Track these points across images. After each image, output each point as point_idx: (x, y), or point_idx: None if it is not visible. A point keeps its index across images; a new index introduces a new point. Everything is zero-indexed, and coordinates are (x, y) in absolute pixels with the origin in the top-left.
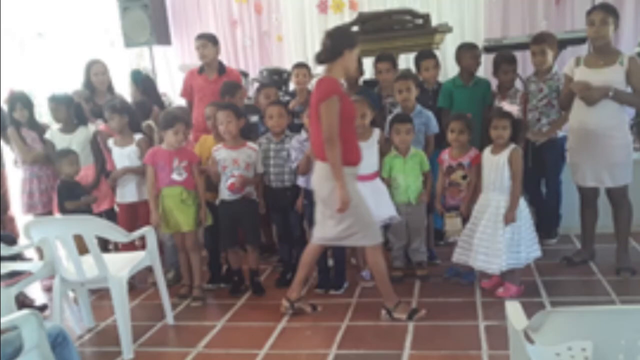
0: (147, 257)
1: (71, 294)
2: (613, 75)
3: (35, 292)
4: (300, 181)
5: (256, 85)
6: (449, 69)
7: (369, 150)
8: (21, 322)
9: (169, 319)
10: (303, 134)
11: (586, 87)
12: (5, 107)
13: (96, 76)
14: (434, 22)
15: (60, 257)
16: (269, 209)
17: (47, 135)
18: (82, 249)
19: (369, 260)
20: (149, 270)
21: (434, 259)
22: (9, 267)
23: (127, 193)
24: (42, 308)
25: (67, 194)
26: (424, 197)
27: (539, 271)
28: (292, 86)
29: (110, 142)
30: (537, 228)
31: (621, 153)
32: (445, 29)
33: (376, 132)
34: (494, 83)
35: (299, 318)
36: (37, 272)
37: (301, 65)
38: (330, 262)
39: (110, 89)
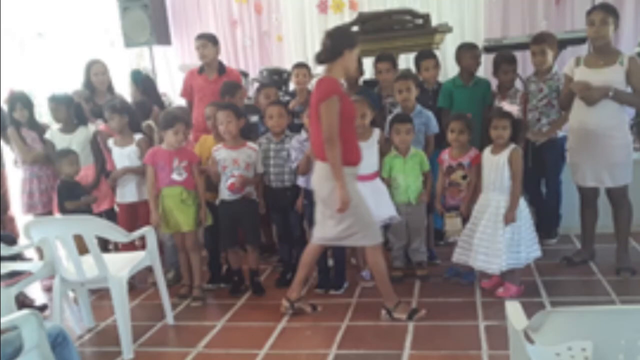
0: (147, 257)
1: (71, 294)
2: (613, 75)
3: (35, 292)
4: (300, 181)
5: (256, 85)
6: (449, 69)
7: (369, 150)
8: (21, 322)
9: (169, 319)
10: (303, 134)
11: (586, 87)
12: (5, 107)
13: (96, 76)
14: (434, 22)
15: (60, 257)
16: (269, 209)
17: (47, 135)
18: (82, 249)
19: (369, 260)
20: (149, 270)
21: (434, 259)
22: (9, 267)
23: (127, 193)
24: (42, 308)
25: (67, 194)
26: (424, 197)
27: (539, 271)
28: (292, 86)
29: (110, 142)
30: (537, 228)
31: (621, 153)
32: (445, 29)
33: (376, 132)
34: (494, 83)
35: (299, 318)
36: (37, 272)
37: (301, 65)
38: (330, 262)
39: (110, 89)
